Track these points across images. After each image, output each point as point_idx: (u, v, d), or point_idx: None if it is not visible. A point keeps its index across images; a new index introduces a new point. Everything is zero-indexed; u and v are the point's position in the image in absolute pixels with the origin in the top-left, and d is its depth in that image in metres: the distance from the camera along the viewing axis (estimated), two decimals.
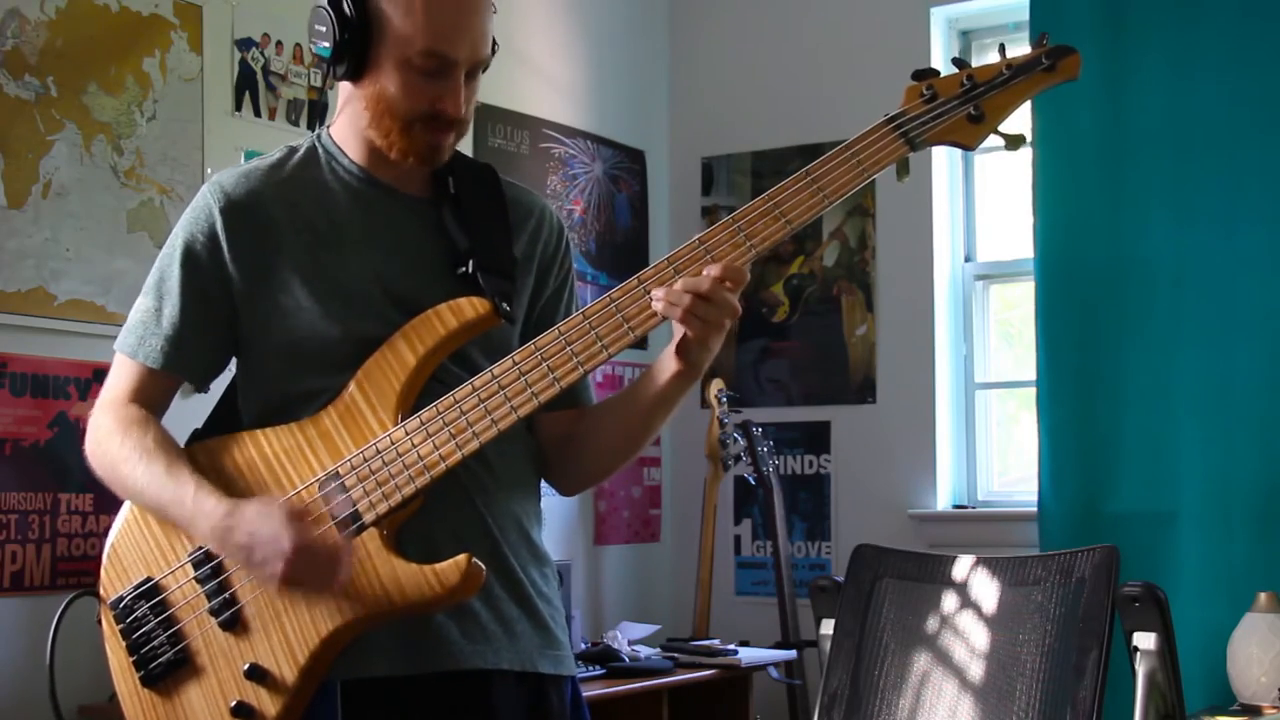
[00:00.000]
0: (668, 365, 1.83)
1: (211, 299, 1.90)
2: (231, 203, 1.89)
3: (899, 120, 1.80)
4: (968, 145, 1.81)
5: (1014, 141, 1.82)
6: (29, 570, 3.10)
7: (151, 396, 1.93)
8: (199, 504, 1.80)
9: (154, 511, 1.88)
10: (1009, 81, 1.79)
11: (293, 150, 1.97)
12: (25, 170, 3.14)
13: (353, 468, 1.80)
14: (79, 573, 3.17)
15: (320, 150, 1.95)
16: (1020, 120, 1.86)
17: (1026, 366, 4.34)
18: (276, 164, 1.94)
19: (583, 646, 3.90)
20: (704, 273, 1.75)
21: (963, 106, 1.79)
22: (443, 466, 1.78)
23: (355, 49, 1.85)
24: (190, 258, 1.90)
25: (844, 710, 2.66)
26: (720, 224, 1.79)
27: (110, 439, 1.89)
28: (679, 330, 1.79)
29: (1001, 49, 1.82)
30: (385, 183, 1.93)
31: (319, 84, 3.75)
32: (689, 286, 1.75)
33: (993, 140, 1.84)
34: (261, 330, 1.89)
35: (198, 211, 1.91)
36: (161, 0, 3.42)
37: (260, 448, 1.86)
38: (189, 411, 2.00)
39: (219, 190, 1.91)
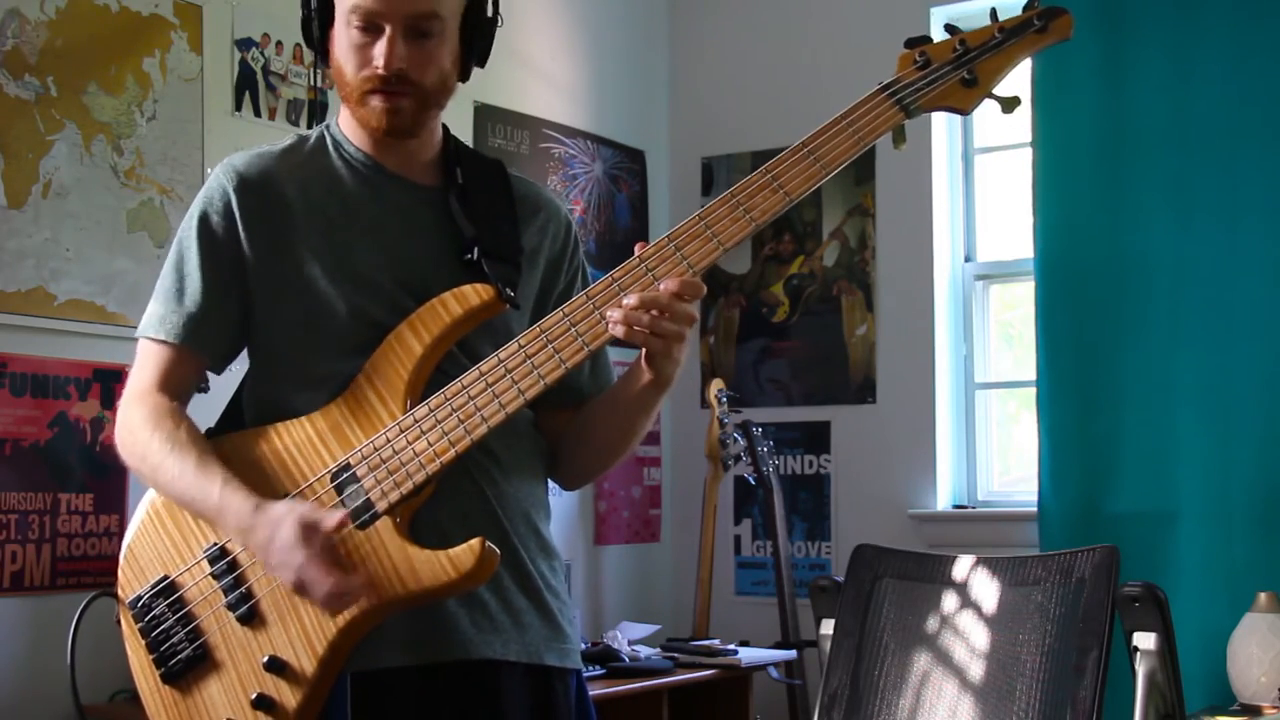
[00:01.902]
0: (639, 376, 1.86)
1: (229, 274, 1.90)
2: (245, 181, 1.91)
3: (893, 87, 1.80)
4: (963, 109, 1.82)
5: (1009, 104, 1.82)
6: (29, 570, 3.10)
7: (177, 382, 1.92)
8: (226, 499, 1.80)
9: (182, 505, 1.88)
10: (1001, 45, 1.80)
11: (303, 139, 1.99)
12: (25, 170, 3.14)
13: (363, 458, 1.81)
14: (79, 573, 3.17)
15: (329, 139, 1.97)
16: (1017, 85, 1.86)
17: (1026, 366, 4.33)
18: (288, 149, 1.96)
19: (583, 646, 3.89)
20: (660, 287, 1.76)
21: (956, 71, 1.80)
22: (452, 453, 1.79)
23: (318, 28, 1.90)
24: (206, 234, 1.91)
25: (844, 710, 2.66)
26: (719, 199, 1.80)
27: (141, 430, 1.89)
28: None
29: (993, 13, 1.83)
30: (393, 171, 1.94)
31: (319, 84, 3.75)
32: (644, 302, 1.75)
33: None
34: (274, 306, 1.90)
35: (212, 191, 1.93)
36: (161, 0, 3.42)
37: (272, 442, 1.87)
38: (201, 411, 2.00)
39: (232, 170, 1.92)
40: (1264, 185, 3.91)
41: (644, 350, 1.81)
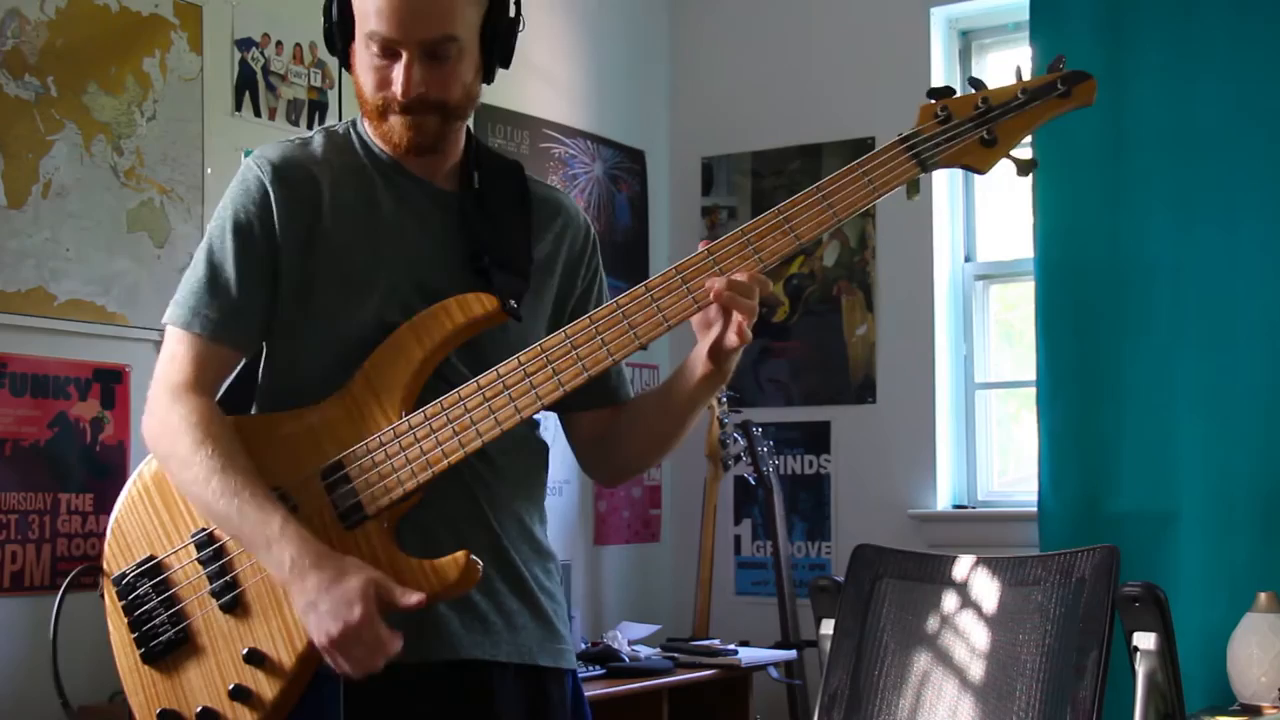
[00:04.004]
0: (696, 369, 1.86)
1: (264, 266, 1.88)
2: (279, 173, 1.89)
3: (912, 140, 1.79)
4: (980, 169, 1.81)
5: (1025, 167, 1.82)
6: (29, 570, 3.10)
7: (213, 378, 1.90)
8: (292, 532, 1.76)
9: (215, 518, 1.84)
10: (1024, 106, 1.79)
11: (331, 133, 1.97)
12: (25, 170, 3.14)
13: (356, 459, 1.81)
14: (68, 579, 3.16)
15: (355, 137, 1.96)
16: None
17: (1026, 366, 4.34)
18: (319, 145, 1.95)
19: (583, 646, 3.90)
20: (730, 275, 1.77)
21: (976, 129, 1.79)
22: (445, 462, 1.80)
23: (337, 36, 1.89)
24: (242, 226, 1.88)
25: (844, 710, 2.66)
26: (730, 235, 1.80)
27: (183, 436, 1.83)
28: (701, 335, 1.81)
29: (1019, 72, 1.81)
30: (416, 174, 1.94)
31: (319, 84, 3.75)
32: (732, 284, 1.76)
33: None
34: (298, 302, 1.89)
35: (246, 182, 1.90)
36: (161, 0, 3.42)
37: (268, 431, 1.87)
38: None
39: (265, 162, 1.91)
40: (1264, 186, 3.91)
41: (702, 343, 1.82)
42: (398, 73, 1.83)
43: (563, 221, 2.02)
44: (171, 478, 1.88)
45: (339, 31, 1.89)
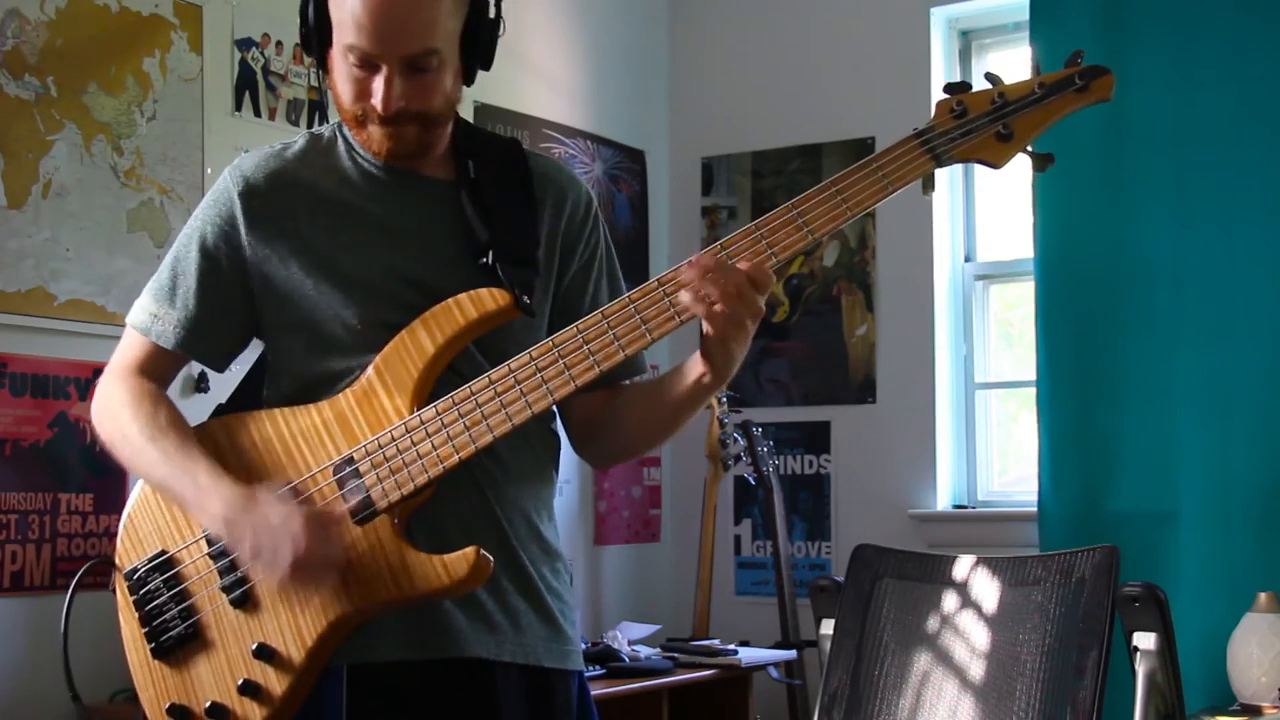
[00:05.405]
0: (694, 369, 1.84)
1: (227, 283, 1.91)
2: (251, 187, 1.90)
3: (927, 135, 1.78)
4: (995, 164, 1.79)
5: (1042, 161, 1.80)
6: (29, 570, 3.10)
7: (160, 371, 1.95)
8: (213, 483, 1.81)
9: (157, 487, 1.89)
10: (1040, 100, 1.77)
11: (316, 137, 1.97)
12: (25, 170, 3.14)
13: (367, 454, 1.81)
14: (79, 573, 3.16)
15: (340, 138, 1.95)
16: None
17: (1026, 366, 4.34)
18: (300, 150, 1.95)
19: (583, 646, 3.89)
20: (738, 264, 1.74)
21: (992, 124, 1.77)
22: (456, 458, 1.79)
23: (314, 41, 1.87)
24: (208, 241, 1.91)
25: (844, 710, 2.66)
26: (742, 230, 1.78)
27: (121, 410, 1.90)
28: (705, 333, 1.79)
29: (1036, 68, 1.80)
30: (404, 168, 1.92)
31: (319, 84, 3.75)
32: (714, 279, 1.72)
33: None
34: (280, 315, 1.90)
35: (219, 195, 1.92)
36: (161, 0, 3.42)
37: (278, 427, 1.87)
38: (203, 410, 2.01)
39: (239, 175, 1.92)
40: (1264, 185, 3.91)
41: (701, 345, 1.80)
42: (378, 85, 1.81)
43: (559, 195, 1.98)
44: (118, 455, 1.92)
45: (316, 37, 1.87)
